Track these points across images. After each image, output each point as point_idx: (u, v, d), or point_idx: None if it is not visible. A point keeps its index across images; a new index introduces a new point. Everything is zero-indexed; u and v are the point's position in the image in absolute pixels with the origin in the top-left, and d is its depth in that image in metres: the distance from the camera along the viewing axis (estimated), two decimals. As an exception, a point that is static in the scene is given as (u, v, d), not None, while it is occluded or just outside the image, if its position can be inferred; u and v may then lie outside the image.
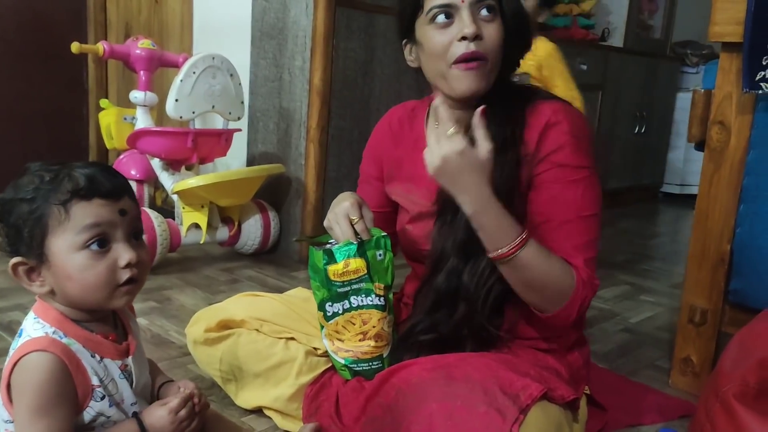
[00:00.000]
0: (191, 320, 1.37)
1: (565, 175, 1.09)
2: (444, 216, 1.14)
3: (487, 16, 1.07)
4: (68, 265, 0.79)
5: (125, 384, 0.86)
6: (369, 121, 2.48)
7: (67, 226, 0.79)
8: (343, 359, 1.18)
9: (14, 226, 0.80)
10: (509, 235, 1.02)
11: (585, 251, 1.09)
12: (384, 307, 1.17)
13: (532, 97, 1.15)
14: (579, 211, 1.09)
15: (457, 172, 1.00)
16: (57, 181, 0.79)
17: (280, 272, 2.28)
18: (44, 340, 0.79)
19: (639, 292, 2.36)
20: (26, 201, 0.79)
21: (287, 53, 2.41)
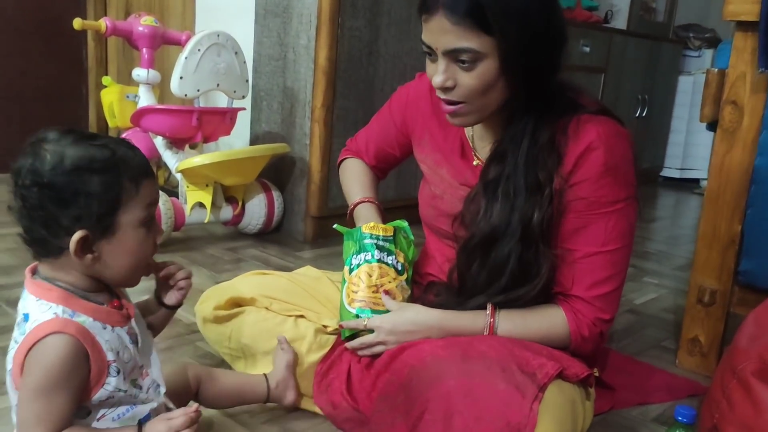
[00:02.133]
0: (200, 298, 1.37)
1: (592, 209, 1.08)
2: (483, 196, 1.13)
3: (464, 66, 1.01)
4: (132, 240, 0.82)
5: (134, 349, 0.86)
6: (373, 101, 2.46)
7: (137, 202, 0.81)
8: (355, 309, 1.18)
9: (82, 199, 0.77)
10: (478, 323, 1.12)
11: (600, 287, 1.10)
12: (401, 272, 1.21)
13: (580, 109, 1.09)
14: (603, 245, 1.09)
15: (402, 333, 1.13)
16: (120, 158, 0.80)
17: (284, 252, 2.28)
18: (57, 321, 0.77)
19: (642, 274, 2.36)
20: (98, 173, 0.78)
21: (292, 32, 2.38)
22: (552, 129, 1.08)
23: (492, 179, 1.11)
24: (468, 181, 1.18)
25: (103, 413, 0.82)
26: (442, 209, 1.22)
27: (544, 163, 1.07)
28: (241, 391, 1.16)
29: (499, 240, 1.09)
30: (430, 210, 1.27)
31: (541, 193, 1.07)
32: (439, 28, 0.99)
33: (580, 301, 1.11)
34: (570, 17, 3.67)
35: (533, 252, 1.08)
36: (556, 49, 1.05)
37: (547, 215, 1.07)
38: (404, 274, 1.21)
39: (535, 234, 1.07)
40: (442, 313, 1.14)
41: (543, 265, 1.08)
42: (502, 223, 1.08)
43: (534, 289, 1.09)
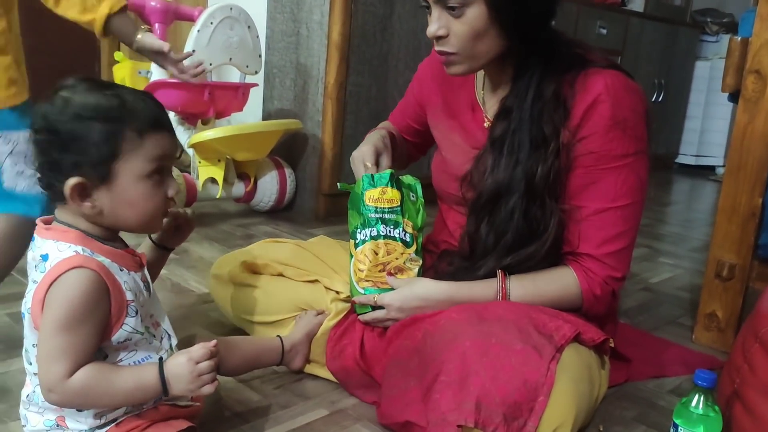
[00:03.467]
0: (215, 264, 1.36)
1: (600, 163, 1.06)
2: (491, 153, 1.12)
3: (453, 13, 1.02)
4: (133, 191, 0.81)
5: (147, 295, 0.86)
6: (387, 78, 2.44)
7: (140, 153, 0.80)
8: (363, 288, 1.17)
9: (79, 145, 0.77)
10: (490, 291, 1.10)
11: (610, 244, 1.08)
12: (409, 243, 1.18)
13: (587, 63, 1.08)
14: (613, 201, 1.07)
15: (412, 309, 1.11)
16: (129, 108, 0.79)
17: (296, 229, 2.27)
18: (78, 257, 0.77)
19: (657, 255, 2.33)
20: (99, 120, 0.78)
21: (305, 7, 2.36)
22: (558, 83, 1.07)
23: (498, 136, 1.10)
24: (479, 144, 1.16)
25: (120, 357, 0.82)
26: (453, 173, 1.20)
27: (549, 117, 1.06)
28: (258, 356, 1.15)
29: (503, 196, 1.08)
30: (441, 175, 1.26)
31: (546, 147, 1.05)
32: None
33: (591, 259, 1.09)
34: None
35: (539, 207, 1.06)
36: (541, 12, 1.05)
37: (553, 169, 1.05)
38: (413, 245, 1.19)
39: (539, 188, 1.05)
40: (451, 286, 1.12)
41: (550, 220, 1.06)
42: (506, 179, 1.07)
43: (543, 246, 1.08)
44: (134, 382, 0.80)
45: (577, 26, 3.42)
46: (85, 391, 0.77)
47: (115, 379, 0.78)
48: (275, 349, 1.17)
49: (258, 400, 1.14)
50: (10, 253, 1.20)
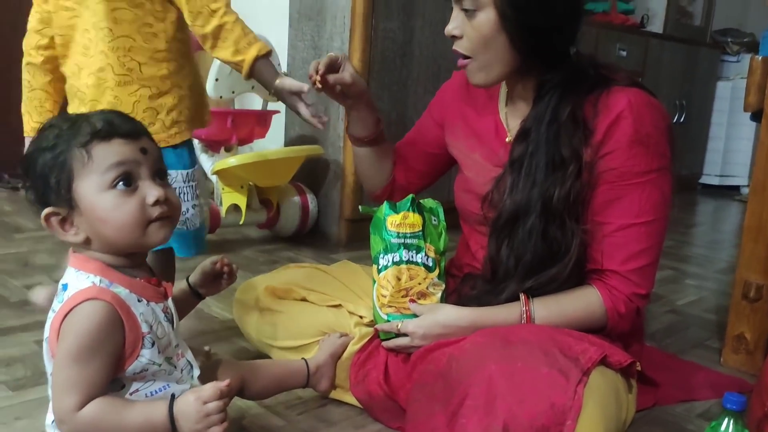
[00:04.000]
0: (239, 289, 1.38)
1: (623, 179, 1.07)
2: (511, 175, 1.12)
3: (467, 15, 1.06)
4: (98, 206, 0.79)
5: (169, 326, 0.86)
6: (407, 103, 2.46)
7: (92, 168, 0.79)
8: (386, 314, 1.17)
9: (41, 176, 0.80)
10: (513, 315, 1.09)
11: (634, 261, 1.08)
12: (431, 268, 1.18)
13: (609, 82, 1.09)
14: (636, 217, 1.07)
15: (435, 336, 1.11)
16: (76, 127, 0.80)
17: (318, 254, 2.28)
18: (93, 289, 0.79)
19: (683, 277, 2.30)
20: (48, 149, 0.80)
21: (326, 34, 2.40)
22: (577, 104, 1.08)
23: (517, 157, 1.11)
24: (500, 162, 1.17)
25: (137, 388, 0.83)
26: (474, 192, 1.21)
27: (567, 139, 1.07)
28: (284, 379, 1.15)
29: (521, 217, 1.08)
30: (463, 195, 1.26)
31: (565, 169, 1.06)
32: None
33: (615, 276, 1.08)
34: (605, 20, 3.64)
35: (558, 228, 1.06)
36: (565, 15, 1.06)
37: (573, 191, 1.05)
38: (435, 270, 1.19)
39: (558, 210, 1.05)
40: (474, 312, 1.12)
41: (571, 241, 1.06)
42: (523, 200, 1.08)
43: (565, 268, 1.07)
44: (144, 418, 0.79)
45: (597, 49, 3.42)
46: (94, 424, 0.77)
47: (125, 415, 0.78)
48: (300, 371, 1.17)
49: (282, 426, 1.14)
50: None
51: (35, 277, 1.82)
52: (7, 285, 1.75)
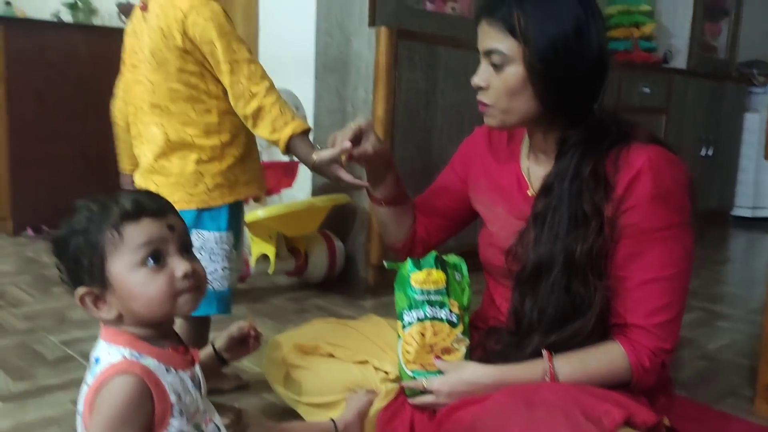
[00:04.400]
0: (268, 345, 1.40)
1: (645, 234, 1.08)
2: (533, 232, 1.14)
3: (495, 68, 1.09)
4: (130, 284, 0.83)
5: (196, 393, 0.89)
6: (431, 151, 2.50)
7: (123, 248, 0.83)
8: (411, 371, 1.18)
9: (73, 259, 0.84)
10: (537, 372, 1.09)
11: (658, 315, 1.08)
12: (455, 324, 1.19)
13: (629, 138, 1.11)
14: (659, 271, 1.08)
15: (460, 393, 1.12)
16: (106, 210, 0.84)
17: (347, 301, 2.31)
18: (124, 363, 0.82)
19: (714, 319, 2.27)
20: (80, 233, 0.84)
21: (350, 86, 2.46)
22: (599, 161, 1.09)
23: (540, 212, 1.13)
24: (523, 215, 1.19)
25: None
26: (498, 246, 1.22)
27: (589, 196, 1.08)
28: None
29: (545, 271, 1.09)
30: (487, 249, 1.28)
31: (587, 225, 1.07)
32: (482, 31, 1.11)
33: (640, 330, 1.08)
34: (627, 59, 3.66)
35: (581, 283, 1.07)
36: (591, 72, 1.09)
37: (595, 246, 1.07)
38: (460, 325, 1.20)
39: (580, 265, 1.06)
40: (498, 370, 1.12)
41: (594, 297, 1.07)
42: (546, 254, 1.09)
43: (588, 323, 1.08)
44: None
45: (620, 88, 3.44)
46: None
47: None
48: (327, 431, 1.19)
49: (311, 485, 1.15)
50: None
51: (72, 333, 1.87)
52: (45, 342, 1.80)
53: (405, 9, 2.54)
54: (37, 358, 1.69)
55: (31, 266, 2.62)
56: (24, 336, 1.84)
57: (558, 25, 1.05)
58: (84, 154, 3.22)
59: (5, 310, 2.06)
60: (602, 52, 1.10)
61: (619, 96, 3.43)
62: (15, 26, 3.10)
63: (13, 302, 2.14)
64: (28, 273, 2.51)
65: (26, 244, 2.96)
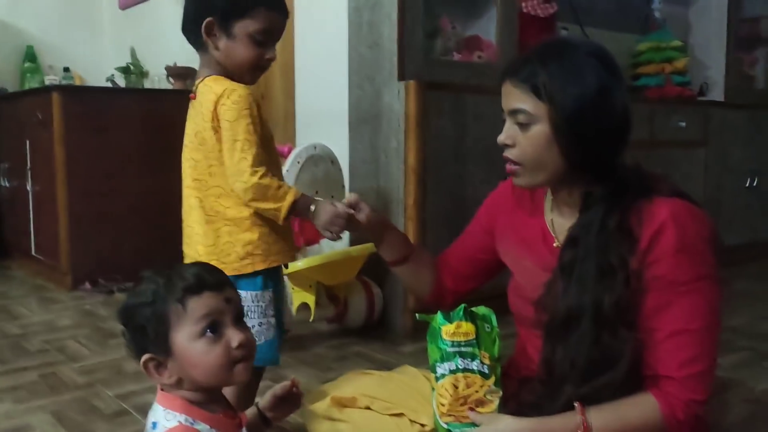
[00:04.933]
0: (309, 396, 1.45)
1: (670, 287, 1.09)
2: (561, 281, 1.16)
3: (521, 127, 1.12)
4: (191, 353, 0.91)
5: None
6: (464, 197, 2.55)
7: (186, 319, 0.91)
8: (446, 423, 1.21)
9: (140, 328, 0.92)
10: (571, 425, 1.10)
11: (689, 366, 1.09)
12: (488, 375, 1.21)
13: (652, 192, 1.14)
14: (688, 323, 1.09)
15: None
16: (171, 283, 0.92)
17: (386, 347, 2.35)
18: (180, 428, 0.89)
19: (762, 359, 2.22)
20: (148, 305, 0.92)
21: (382, 136, 2.55)
22: (623, 214, 1.12)
23: (567, 263, 1.15)
24: (550, 266, 1.21)
25: None
26: (527, 296, 1.25)
27: (616, 248, 1.10)
28: None
29: (574, 321, 1.11)
30: (517, 300, 1.31)
31: (614, 277, 1.09)
32: (506, 91, 1.14)
33: (672, 382, 1.09)
34: (659, 95, 3.65)
35: (610, 334, 1.09)
36: (615, 130, 1.13)
37: (623, 298, 1.08)
38: (491, 376, 1.22)
39: (609, 316, 1.08)
40: (532, 423, 1.14)
41: (624, 347, 1.08)
42: (576, 305, 1.11)
43: (619, 374, 1.09)
44: None
45: (654, 123, 3.44)
46: None
47: None
48: None
49: None
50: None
51: (128, 386, 1.96)
52: (102, 395, 1.89)
53: (433, 61, 2.63)
54: (95, 413, 1.77)
55: (89, 319, 2.74)
56: (83, 391, 1.93)
57: (582, 86, 1.10)
58: (137, 210, 3.38)
59: (65, 365, 2.16)
60: (625, 111, 1.14)
61: (652, 131, 3.43)
62: (72, 93, 3.33)
63: (73, 356, 2.25)
64: (86, 327, 2.63)
65: (84, 298, 3.10)
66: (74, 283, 3.25)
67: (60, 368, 2.14)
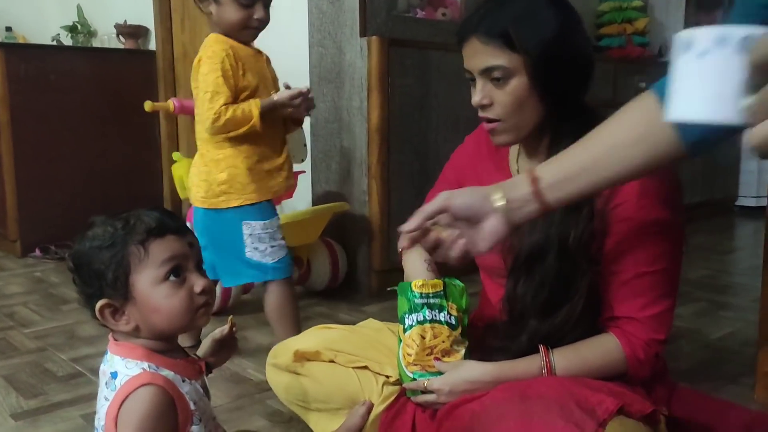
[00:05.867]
0: (270, 354, 1.42)
1: (634, 230, 1.09)
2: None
3: (498, 83, 1.10)
4: (153, 297, 0.86)
5: (206, 400, 0.92)
6: (428, 154, 2.52)
7: (147, 263, 0.86)
8: (412, 373, 1.20)
9: (95, 273, 0.86)
10: (534, 367, 1.12)
11: (650, 308, 1.10)
12: (455, 326, 1.21)
13: None
14: (650, 265, 1.09)
15: (460, 392, 1.14)
16: (130, 227, 0.87)
17: (350, 307, 2.33)
18: (145, 375, 0.84)
19: (718, 308, 2.28)
20: (105, 248, 0.86)
21: (345, 95, 2.49)
22: None
23: None
24: None
25: None
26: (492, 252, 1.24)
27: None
28: None
29: (539, 256, 1.11)
30: None
31: (579, 212, 1.09)
32: (474, 51, 1.10)
33: (633, 322, 1.10)
34: (622, 55, 3.67)
35: (572, 268, 1.09)
36: (582, 68, 1.13)
37: (586, 232, 1.09)
38: (458, 327, 1.22)
39: (573, 251, 1.09)
40: (497, 367, 1.15)
41: (581, 281, 1.09)
42: (542, 240, 1.11)
43: (576, 307, 1.10)
44: None
45: (616, 83, 3.46)
46: None
47: None
48: None
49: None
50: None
51: (82, 350, 1.90)
52: (54, 359, 1.84)
53: (395, 18, 2.57)
54: (47, 375, 1.72)
55: (40, 286, 2.66)
56: (35, 355, 1.87)
57: (547, 27, 1.08)
58: (90, 175, 3.27)
59: (16, 330, 2.10)
60: (588, 41, 1.15)
61: (615, 91, 3.45)
62: (16, 52, 3.16)
63: (24, 322, 2.18)
64: (37, 293, 2.55)
65: (34, 265, 3.01)
66: (23, 250, 3.15)
67: (10, 333, 2.07)
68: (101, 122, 3.29)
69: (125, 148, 3.40)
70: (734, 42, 0.52)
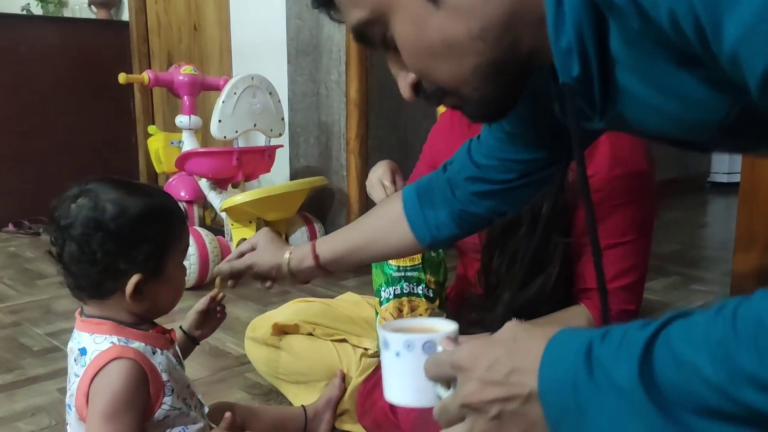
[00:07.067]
0: (249, 327, 1.43)
1: (605, 201, 1.10)
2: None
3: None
4: (175, 279, 0.90)
5: (180, 369, 0.92)
6: (406, 128, 2.52)
7: (179, 245, 0.90)
8: None
9: (133, 242, 0.83)
10: None
11: (621, 279, 1.12)
12: (432, 299, 1.22)
13: None
14: (621, 236, 1.11)
15: None
16: (171, 207, 0.91)
17: (328, 281, 2.33)
18: (115, 348, 0.83)
19: (690, 282, 2.32)
20: (156, 219, 0.86)
21: (323, 68, 2.47)
22: None
23: None
24: None
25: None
26: None
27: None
28: (282, 425, 1.21)
29: (513, 229, 1.13)
30: None
31: (551, 185, 1.10)
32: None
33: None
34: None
35: (545, 240, 1.11)
36: None
37: (558, 204, 1.10)
38: (436, 300, 1.23)
39: (545, 222, 1.09)
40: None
41: (554, 253, 1.11)
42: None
43: (549, 279, 1.12)
44: None
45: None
46: None
47: None
48: (298, 417, 1.23)
49: (294, 459, 1.19)
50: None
51: (58, 324, 1.89)
52: (30, 333, 1.82)
53: (374, -11, 2.54)
54: (23, 349, 1.71)
55: (15, 261, 2.62)
56: (10, 329, 1.85)
57: None
58: (63, 149, 3.22)
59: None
60: None
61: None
62: (-17, 21, 3.08)
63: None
64: (11, 268, 2.52)
65: (8, 240, 2.96)
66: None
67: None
68: (74, 95, 3.23)
69: (99, 122, 3.34)
70: (418, 346, 0.63)
